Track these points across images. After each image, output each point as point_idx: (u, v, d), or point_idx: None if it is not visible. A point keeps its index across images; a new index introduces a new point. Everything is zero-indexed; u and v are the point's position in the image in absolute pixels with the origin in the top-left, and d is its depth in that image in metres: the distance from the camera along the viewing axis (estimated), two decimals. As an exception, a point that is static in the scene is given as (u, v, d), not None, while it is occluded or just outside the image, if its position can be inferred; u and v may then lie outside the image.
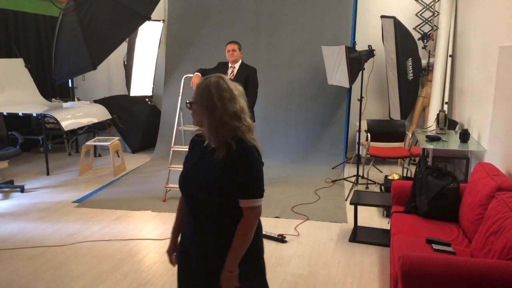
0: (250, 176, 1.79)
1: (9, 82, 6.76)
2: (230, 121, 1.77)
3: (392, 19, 6.02)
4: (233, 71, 5.15)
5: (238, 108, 1.80)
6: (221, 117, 1.76)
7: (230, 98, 1.79)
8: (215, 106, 1.76)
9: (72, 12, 5.97)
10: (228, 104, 1.78)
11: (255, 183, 1.81)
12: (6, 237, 4.16)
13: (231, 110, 1.78)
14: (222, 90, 1.78)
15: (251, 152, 1.79)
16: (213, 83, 1.80)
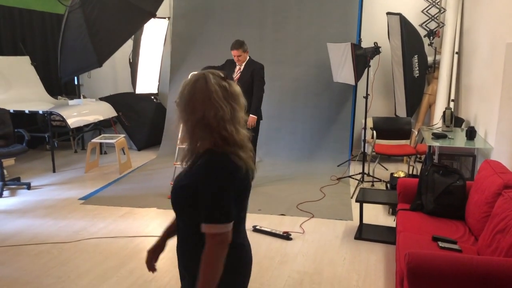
0: (208, 196, 1.50)
1: (15, 79, 6.79)
2: (205, 128, 1.54)
3: (398, 16, 5.99)
4: (240, 68, 5.16)
5: (220, 114, 1.54)
6: (197, 123, 1.55)
7: (214, 100, 1.54)
8: (193, 109, 1.54)
9: (78, 9, 5.98)
10: (208, 108, 1.53)
11: (214, 205, 1.50)
12: (13, 233, 4.19)
13: (208, 115, 1.53)
14: (204, 90, 1.54)
15: (210, 167, 1.51)
16: (195, 81, 1.57)
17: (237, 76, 5.15)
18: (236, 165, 1.54)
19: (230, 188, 1.52)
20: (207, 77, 1.57)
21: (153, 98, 7.97)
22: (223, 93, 1.56)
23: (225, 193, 1.51)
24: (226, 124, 1.55)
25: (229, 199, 1.52)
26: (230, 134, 1.56)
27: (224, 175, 1.52)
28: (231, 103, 1.58)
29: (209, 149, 1.56)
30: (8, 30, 7.19)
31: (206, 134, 1.56)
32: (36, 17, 7.66)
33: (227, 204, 1.52)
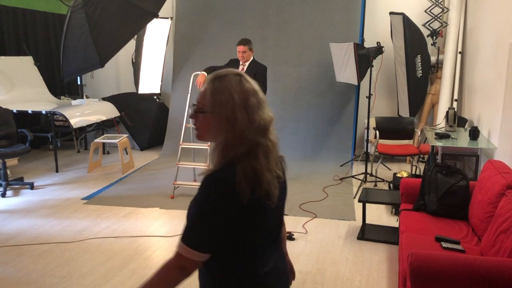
0: (189, 212, 1.32)
1: (18, 79, 6.81)
2: (254, 136, 1.33)
3: (401, 15, 5.98)
4: (243, 68, 5.16)
5: (268, 118, 1.37)
6: (243, 132, 1.32)
7: (258, 105, 1.35)
8: (236, 117, 1.32)
9: (80, 9, 5.99)
10: (255, 114, 1.34)
11: (189, 225, 1.31)
12: (16, 233, 4.20)
13: (258, 122, 1.34)
14: (247, 94, 1.34)
15: (206, 186, 1.30)
16: (234, 84, 1.34)
17: None
18: (236, 184, 1.28)
19: (212, 214, 1.28)
20: (247, 77, 1.42)
21: (156, 98, 7.98)
22: (261, 92, 1.41)
23: (203, 218, 1.29)
24: (269, 130, 1.39)
25: (203, 225, 1.29)
26: (272, 144, 1.39)
27: (214, 197, 1.29)
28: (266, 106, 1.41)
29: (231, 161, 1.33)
30: (11, 30, 7.21)
31: (254, 142, 1.35)
32: (39, 17, 7.67)
33: (202, 232, 1.30)
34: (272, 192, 1.35)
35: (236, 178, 1.28)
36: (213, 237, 1.31)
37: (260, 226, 1.39)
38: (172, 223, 4.44)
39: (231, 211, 1.29)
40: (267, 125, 1.37)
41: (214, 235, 1.31)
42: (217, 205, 1.28)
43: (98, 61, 6.23)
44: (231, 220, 1.30)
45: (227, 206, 1.28)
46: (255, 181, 1.30)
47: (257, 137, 1.33)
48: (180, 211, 4.77)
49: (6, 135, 5.60)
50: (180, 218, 4.56)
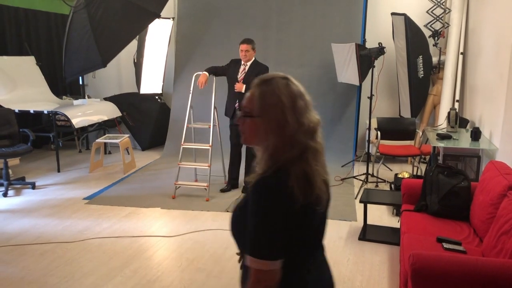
0: (249, 223, 1.28)
1: (20, 79, 6.82)
2: (304, 140, 1.31)
3: (402, 16, 5.98)
4: (245, 68, 5.16)
5: (315, 121, 1.35)
6: (293, 135, 1.30)
7: (305, 108, 1.35)
8: (286, 120, 1.30)
9: (83, 9, 6.00)
10: (303, 116, 1.33)
11: (253, 236, 1.27)
12: (18, 233, 4.20)
13: (307, 125, 1.33)
14: (295, 97, 1.34)
15: (260, 193, 1.27)
16: (281, 87, 1.33)
17: (242, 76, 5.15)
18: (290, 189, 1.25)
19: (272, 219, 1.25)
20: (290, 80, 1.40)
21: (158, 98, 7.98)
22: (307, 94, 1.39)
23: (266, 223, 1.25)
24: (317, 132, 1.37)
25: (270, 230, 1.25)
26: (320, 145, 1.37)
27: (272, 200, 1.25)
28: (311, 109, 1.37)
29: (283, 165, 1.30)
30: (14, 30, 7.22)
31: (304, 145, 1.32)
32: (41, 17, 7.69)
33: (266, 236, 1.25)
34: (322, 197, 1.34)
35: (289, 183, 1.25)
36: (279, 241, 1.27)
37: (310, 231, 1.36)
38: (173, 223, 4.44)
39: (286, 216, 1.26)
40: (315, 128, 1.35)
41: (279, 239, 1.26)
42: (274, 210, 1.25)
43: (100, 61, 6.24)
44: (286, 225, 1.27)
45: (282, 211, 1.25)
46: (307, 186, 1.28)
47: (306, 140, 1.31)
48: (181, 211, 4.77)
49: (8, 135, 5.61)
50: (181, 219, 4.56)
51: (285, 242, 1.28)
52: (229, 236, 4.22)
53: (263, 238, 1.26)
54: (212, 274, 3.40)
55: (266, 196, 1.26)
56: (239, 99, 5.16)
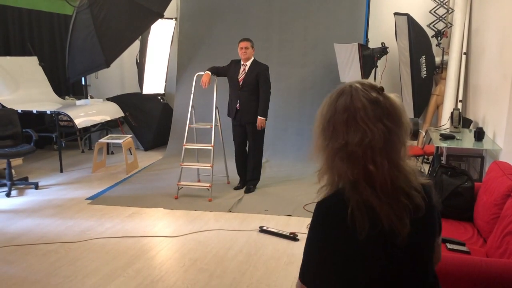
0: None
1: (23, 80, 6.83)
2: (348, 159, 1.16)
3: (405, 16, 5.96)
4: (245, 68, 5.16)
5: (367, 140, 1.13)
6: (338, 152, 1.17)
7: (360, 120, 1.16)
8: (333, 133, 1.19)
9: (86, 10, 6.01)
10: (352, 131, 1.16)
11: (303, 257, 1.20)
12: (21, 233, 4.21)
13: (352, 142, 1.15)
14: (348, 107, 1.18)
15: (315, 214, 1.19)
16: (338, 95, 1.22)
17: (242, 76, 5.15)
18: (341, 214, 1.11)
19: (318, 245, 1.15)
20: (353, 90, 1.20)
21: (160, 98, 7.99)
22: (374, 110, 1.17)
23: (310, 245, 1.17)
24: (375, 154, 1.13)
25: (312, 252, 1.17)
26: (378, 170, 1.13)
27: (319, 223, 1.16)
28: (385, 123, 1.16)
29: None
30: (17, 30, 7.24)
31: (347, 167, 1.15)
32: (44, 17, 7.70)
33: (309, 264, 1.17)
34: (397, 229, 1.12)
35: (348, 209, 1.11)
36: (320, 270, 1.15)
37: (377, 268, 1.16)
38: (176, 224, 4.44)
39: (342, 246, 1.13)
40: (376, 143, 1.14)
41: (321, 269, 1.15)
42: (325, 236, 1.14)
43: (103, 61, 6.25)
44: (343, 256, 1.13)
45: (338, 238, 1.13)
46: (371, 214, 1.12)
47: (366, 157, 1.14)
48: (184, 211, 4.77)
49: (11, 135, 5.62)
50: (184, 219, 4.56)
51: (338, 275, 1.14)
52: (231, 236, 4.23)
53: (305, 261, 1.18)
54: (215, 274, 3.40)
55: (319, 219, 1.17)
56: (240, 100, 5.16)
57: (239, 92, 5.15)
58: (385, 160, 1.13)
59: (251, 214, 4.68)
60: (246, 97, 5.13)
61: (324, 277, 1.15)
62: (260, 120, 5.11)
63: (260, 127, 5.13)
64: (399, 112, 1.19)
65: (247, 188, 5.35)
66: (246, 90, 5.12)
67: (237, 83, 5.15)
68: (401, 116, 1.19)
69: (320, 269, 1.15)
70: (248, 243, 3.96)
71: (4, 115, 5.67)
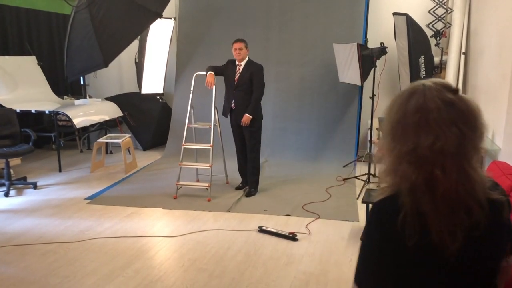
0: None
1: (22, 79, 6.82)
2: (416, 163, 1.09)
3: (404, 16, 5.96)
4: (240, 68, 5.15)
5: (440, 144, 1.06)
6: (405, 156, 1.10)
7: (433, 123, 1.08)
8: (402, 135, 1.12)
9: (84, 9, 6.00)
10: (424, 134, 1.08)
11: (358, 257, 1.20)
12: (20, 233, 4.20)
13: (423, 145, 1.07)
14: (420, 108, 1.10)
15: (370, 214, 1.18)
16: (409, 95, 1.15)
17: (237, 76, 5.14)
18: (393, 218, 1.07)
19: (370, 247, 1.14)
20: (427, 90, 1.13)
21: (159, 98, 7.98)
22: (448, 112, 1.08)
23: (364, 248, 1.16)
24: (446, 159, 1.06)
25: (366, 256, 1.15)
26: (445, 176, 1.06)
27: (372, 224, 1.15)
28: (460, 127, 1.08)
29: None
30: (15, 30, 7.22)
31: (413, 171, 1.08)
32: (42, 17, 7.69)
33: (361, 264, 1.16)
34: (445, 242, 1.06)
35: (401, 214, 1.07)
36: (373, 272, 1.14)
37: (426, 277, 1.11)
38: (175, 223, 4.44)
39: (391, 250, 1.10)
40: (449, 148, 1.07)
41: (374, 271, 1.13)
42: (376, 238, 1.12)
43: (102, 61, 6.23)
44: (392, 260, 1.10)
45: (388, 242, 1.10)
46: (424, 222, 1.07)
47: (414, 169, 1.09)
48: (183, 211, 4.77)
49: (9, 135, 5.61)
50: (183, 219, 4.56)
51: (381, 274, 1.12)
52: (230, 236, 4.22)
53: (358, 257, 1.17)
54: (214, 274, 3.39)
55: (372, 219, 1.15)
56: (235, 99, 5.15)
57: (234, 92, 5.14)
58: (455, 166, 1.06)
59: (250, 214, 4.67)
60: (241, 97, 5.12)
61: (377, 280, 1.12)
62: (246, 117, 5.06)
63: (244, 124, 5.08)
64: (475, 116, 1.11)
65: (248, 192, 5.30)
66: (240, 90, 5.11)
67: (233, 83, 5.15)
68: (476, 121, 1.10)
69: (373, 271, 1.13)
70: (247, 243, 3.96)
71: (3, 114, 5.66)
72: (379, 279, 1.12)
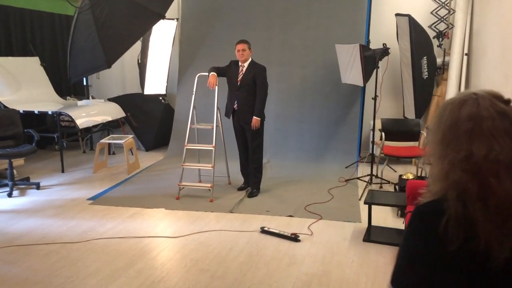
0: None
1: (25, 80, 6.84)
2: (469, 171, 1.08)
3: (407, 17, 5.97)
4: (243, 69, 5.16)
5: (494, 154, 1.06)
6: (458, 164, 1.10)
7: (488, 132, 1.08)
8: (454, 143, 1.12)
9: (87, 10, 6.02)
10: (478, 143, 1.08)
11: (395, 260, 1.17)
12: (23, 233, 4.21)
13: (478, 154, 1.07)
14: (474, 117, 1.10)
15: (411, 218, 1.17)
16: (460, 103, 1.14)
17: (240, 77, 5.15)
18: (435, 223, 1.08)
19: (409, 246, 1.14)
20: (480, 99, 1.12)
21: (161, 99, 8.00)
22: (502, 121, 1.08)
23: (403, 255, 1.14)
24: (500, 168, 1.06)
25: (403, 258, 1.14)
26: (500, 185, 1.06)
27: (412, 228, 1.14)
28: None
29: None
30: (18, 31, 7.25)
31: (467, 179, 1.08)
32: (45, 18, 7.71)
33: (400, 270, 1.14)
34: (493, 251, 1.05)
35: (444, 218, 1.07)
36: (410, 276, 1.13)
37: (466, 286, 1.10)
38: (177, 224, 4.44)
39: (430, 255, 1.10)
40: (503, 158, 1.06)
41: (411, 275, 1.13)
42: (415, 242, 1.12)
43: (105, 62, 6.25)
44: (430, 266, 1.10)
45: (427, 246, 1.10)
46: (468, 228, 1.06)
47: (489, 171, 1.08)
48: (185, 212, 4.77)
49: (12, 135, 5.63)
50: (185, 219, 4.56)
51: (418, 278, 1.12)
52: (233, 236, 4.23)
53: (396, 260, 1.15)
54: (216, 275, 3.40)
55: (413, 223, 1.15)
56: (238, 100, 5.16)
57: (237, 93, 5.15)
58: (509, 176, 1.06)
59: (252, 214, 4.68)
60: (244, 98, 5.13)
61: (414, 284, 1.12)
62: (255, 120, 5.09)
63: (254, 127, 5.11)
64: None
65: (250, 193, 5.31)
66: (243, 91, 5.13)
67: (236, 84, 5.16)
68: None
69: (410, 275, 1.13)
70: (249, 243, 3.96)
71: (6, 115, 5.68)
72: (416, 282, 1.12)
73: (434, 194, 1.14)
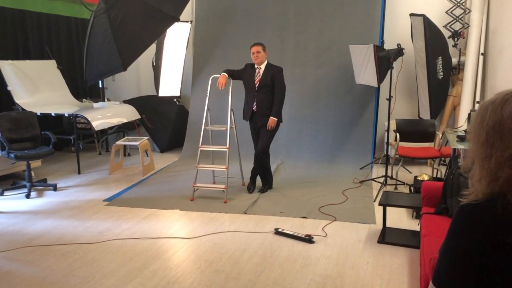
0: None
1: (42, 83, 6.95)
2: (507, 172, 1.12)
3: (421, 17, 5.92)
4: (259, 72, 5.18)
5: None
6: (505, 162, 1.13)
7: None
8: (499, 141, 1.14)
9: (103, 14, 6.09)
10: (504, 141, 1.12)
11: (438, 262, 1.19)
12: (40, 233, 4.28)
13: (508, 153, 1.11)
14: (504, 118, 1.13)
15: (456, 217, 1.19)
16: (502, 102, 1.16)
17: (257, 79, 5.18)
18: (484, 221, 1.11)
19: (455, 246, 1.14)
20: None
21: (176, 101, 8.05)
22: None
23: (451, 255, 1.15)
24: None
25: (448, 258, 1.15)
26: None
27: (459, 228, 1.15)
28: None
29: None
30: (36, 35, 7.36)
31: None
32: (62, 22, 7.82)
33: (448, 270, 1.14)
34: None
35: (483, 216, 1.12)
36: (454, 275, 1.14)
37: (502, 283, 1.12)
38: (192, 225, 4.47)
39: (478, 253, 1.11)
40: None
41: (456, 274, 1.14)
42: (462, 241, 1.13)
43: (120, 64, 6.32)
44: (476, 264, 1.12)
45: (478, 243, 1.11)
46: (501, 227, 1.10)
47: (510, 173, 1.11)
48: (200, 213, 4.80)
49: (30, 138, 5.73)
50: (199, 220, 4.59)
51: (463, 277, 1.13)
52: (247, 238, 4.24)
53: (439, 260, 1.17)
54: (230, 276, 3.41)
55: (461, 222, 1.16)
56: (257, 102, 5.19)
57: (256, 94, 5.18)
58: None
59: (266, 216, 4.69)
60: (263, 99, 5.17)
61: (461, 282, 1.14)
62: (272, 120, 5.14)
63: (270, 128, 5.16)
64: None
65: (261, 190, 5.38)
66: (262, 92, 5.16)
67: (253, 86, 5.19)
68: None
69: (458, 273, 1.14)
70: (263, 245, 3.97)
71: (24, 118, 5.78)
72: (462, 281, 1.13)
73: (480, 194, 1.16)
